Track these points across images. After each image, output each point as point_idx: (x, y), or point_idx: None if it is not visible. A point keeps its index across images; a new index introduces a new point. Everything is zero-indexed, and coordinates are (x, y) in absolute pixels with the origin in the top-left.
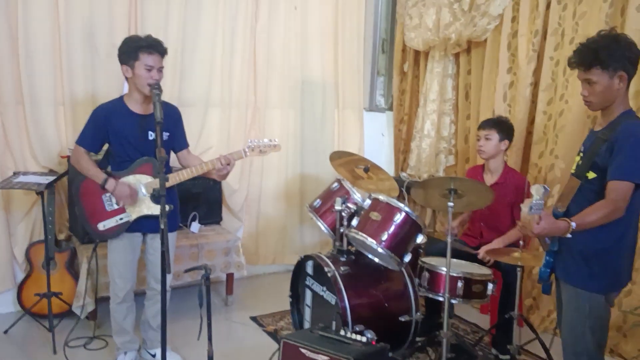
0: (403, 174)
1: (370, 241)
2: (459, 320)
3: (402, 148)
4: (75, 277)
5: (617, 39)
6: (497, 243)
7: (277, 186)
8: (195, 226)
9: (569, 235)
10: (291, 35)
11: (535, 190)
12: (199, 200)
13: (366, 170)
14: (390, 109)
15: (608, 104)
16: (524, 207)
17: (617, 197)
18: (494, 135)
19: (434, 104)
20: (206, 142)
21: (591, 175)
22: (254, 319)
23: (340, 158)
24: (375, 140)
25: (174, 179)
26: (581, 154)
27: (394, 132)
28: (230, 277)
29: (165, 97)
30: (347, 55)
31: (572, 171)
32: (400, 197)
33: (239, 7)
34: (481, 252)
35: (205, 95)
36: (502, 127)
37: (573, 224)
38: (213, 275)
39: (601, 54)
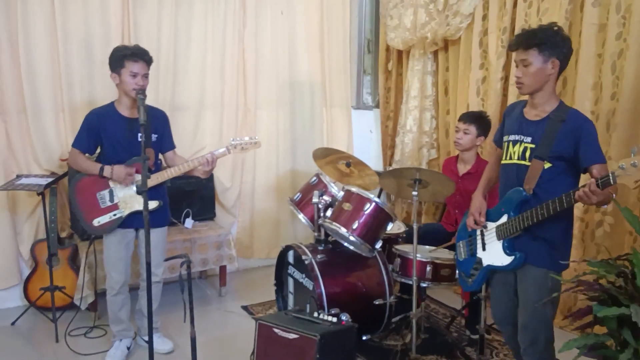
0: (389, 169)
1: (343, 230)
2: (439, 304)
3: (390, 144)
4: (78, 272)
5: (557, 31)
6: None
7: (269, 183)
8: (189, 222)
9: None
10: (278, 39)
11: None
12: (193, 197)
13: (348, 165)
14: (377, 106)
15: (538, 88)
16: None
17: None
18: (473, 131)
19: (415, 101)
20: (200, 143)
21: (547, 165)
22: (245, 308)
23: (324, 155)
24: (363, 137)
25: (160, 176)
26: (527, 142)
27: (381, 129)
28: (223, 269)
29: (159, 101)
30: (334, 55)
31: (515, 161)
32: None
33: (227, 13)
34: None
35: (198, 99)
36: (481, 123)
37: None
38: (207, 268)
39: (540, 37)
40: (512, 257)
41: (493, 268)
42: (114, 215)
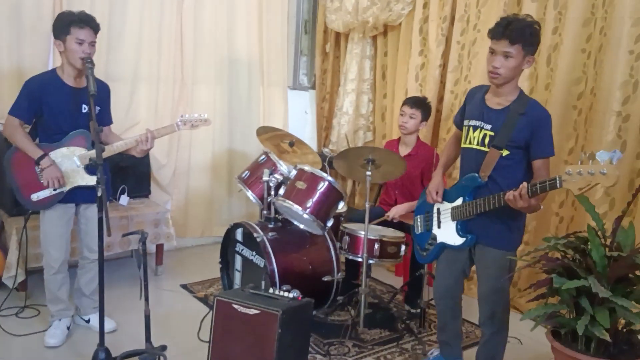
0: (325, 150)
1: (297, 208)
2: (376, 282)
3: (325, 125)
4: (4, 250)
5: (538, 29)
6: (407, 207)
7: (205, 161)
8: (124, 199)
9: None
10: (217, 14)
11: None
12: (127, 173)
13: (291, 144)
14: (313, 87)
15: (510, 80)
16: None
17: (548, 171)
18: (418, 115)
19: (353, 84)
20: (134, 117)
21: (505, 152)
22: (184, 286)
23: (266, 133)
24: (299, 118)
25: (108, 151)
26: (486, 129)
27: (316, 110)
28: (160, 247)
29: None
30: (272, 34)
31: (474, 146)
32: (323, 170)
33: None
34: (391, 213)
35: (133, 70)
36: (425, 109)
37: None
38: None
39: (526, 34)
40: (464, 239)
41: (446, 246)
42: (54, 190)
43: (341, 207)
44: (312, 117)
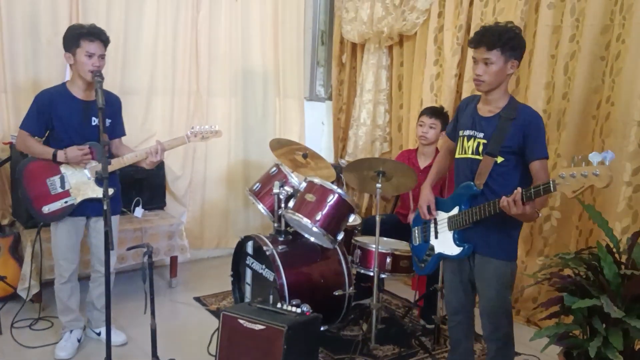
0: (342, 161)
1: (306, 221)
2: (391, 295)
3: (341, 136)
4: (19, 261)
5: (518, 32)
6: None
7: (220, 172)
8: (138, 211)
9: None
10: (232, 26)
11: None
12: (142, 186)
13: (305, 156)
14: (330, 98)
15: (496, 87)
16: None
17: (547, 172)
18: (438, 125)
19: (369, 94)
20: (149, 130)
21: (500, 159)
22: (197, 299)
23: (280, 145)
24: (315, 129)
25: (117, 163)
26: (479, 137)
27: (333, 121)
28: (174, 260)
29: (107, 85)
30: (288, 46)
31: (469, 155)
32: (339, 183)
33: None
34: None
35: (148, 84)
36: (444, 118)
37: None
38: (157, 258)
39: (504, 39)
40: (461, 248)
41: (444, 256)
42: (65, 202)
43: (352, 219)
44: (328, 129)
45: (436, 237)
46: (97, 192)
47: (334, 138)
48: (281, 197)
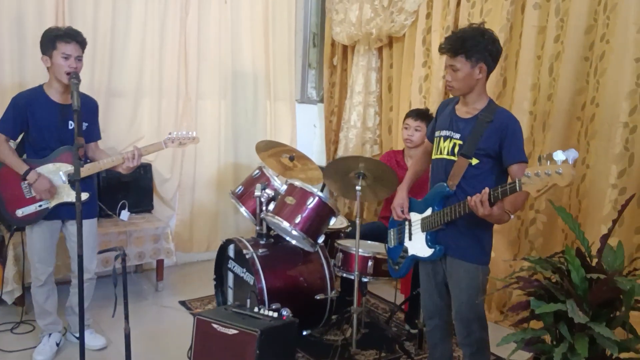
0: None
1: (285, 224)
2: (379, 299)
3: (333, 139)
4: (4, 264)
5: (484, 33)
6: None
7: (210, 175)
8: (125, 214)
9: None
10: (222, 28)
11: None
12: (129, 188)
13: (291, 159)
14: (322, 101)
15: (468, 91)
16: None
17: None
18: (423, 128)
19: (359, 96)
20: (137, 132)
21: (475, 161)
22: (182, 303)
23: (267, 147)
24: (307, 131)
25: (93, 168)
26: (455, 138)
27: (325, 124)
28: (160, 263)
29: (95, 86)
30: (278, 48)
31: (445, 156)
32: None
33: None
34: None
35: (136, 85)
36: (430, 120)
37: (512, 216)
38: (143, 262)
39: (467, 45)
40: (433, 250)
41: (417, 258)
42: (40, 206)
43: (340, 223)
44: (320, 131)
45: (410, 239)
46: (71, 196)
47: (326, 141)
48: (262, 199)
